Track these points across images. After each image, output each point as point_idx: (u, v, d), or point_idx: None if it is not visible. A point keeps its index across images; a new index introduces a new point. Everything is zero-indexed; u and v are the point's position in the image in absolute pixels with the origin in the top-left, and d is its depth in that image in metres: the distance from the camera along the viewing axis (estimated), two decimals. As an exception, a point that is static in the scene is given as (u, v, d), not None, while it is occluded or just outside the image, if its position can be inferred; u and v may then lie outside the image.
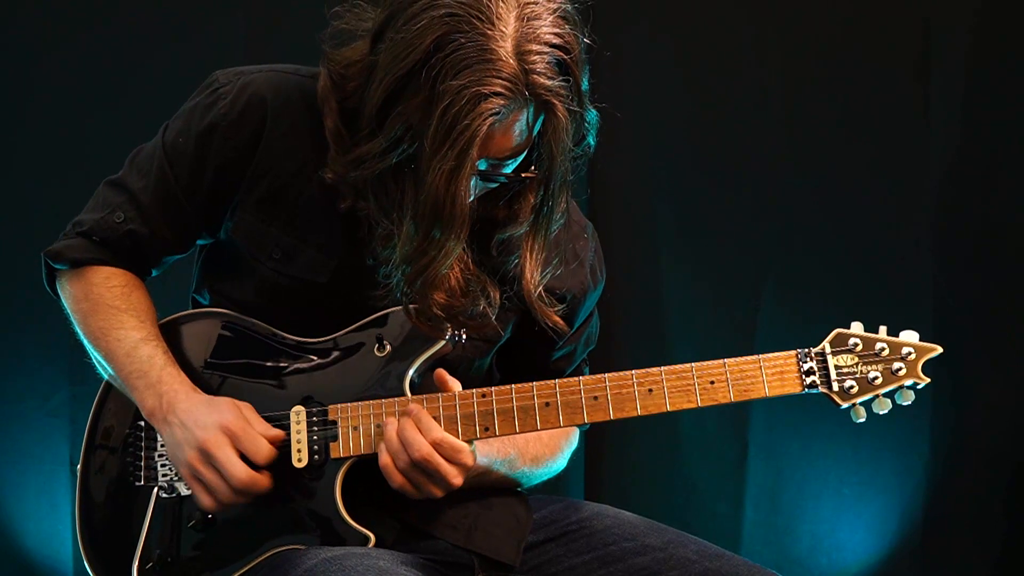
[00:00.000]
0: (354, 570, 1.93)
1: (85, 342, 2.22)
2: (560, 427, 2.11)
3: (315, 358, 2.15)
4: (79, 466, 2.21)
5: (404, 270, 1.98)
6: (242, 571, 2.10)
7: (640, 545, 2.15)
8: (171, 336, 2.20)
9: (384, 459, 2.04)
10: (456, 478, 2.04)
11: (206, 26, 3.57)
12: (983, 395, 3.66)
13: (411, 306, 2.04)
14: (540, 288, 2.10)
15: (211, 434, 2.04)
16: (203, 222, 2.21)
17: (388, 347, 2.13)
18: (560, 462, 2.35)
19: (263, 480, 2.06)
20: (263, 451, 2.06)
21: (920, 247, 3.67)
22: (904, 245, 3.68)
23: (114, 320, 2.17)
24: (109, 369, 2.18)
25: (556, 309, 2.14)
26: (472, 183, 1.95)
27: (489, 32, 1.86)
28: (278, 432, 2.09)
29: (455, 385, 2.09)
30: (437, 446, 2.02)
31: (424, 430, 2.02)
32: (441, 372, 2.10)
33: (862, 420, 2.08)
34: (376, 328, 2.14)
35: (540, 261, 2.09)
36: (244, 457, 2.05)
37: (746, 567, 2.11)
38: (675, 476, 3.75)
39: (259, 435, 2.06)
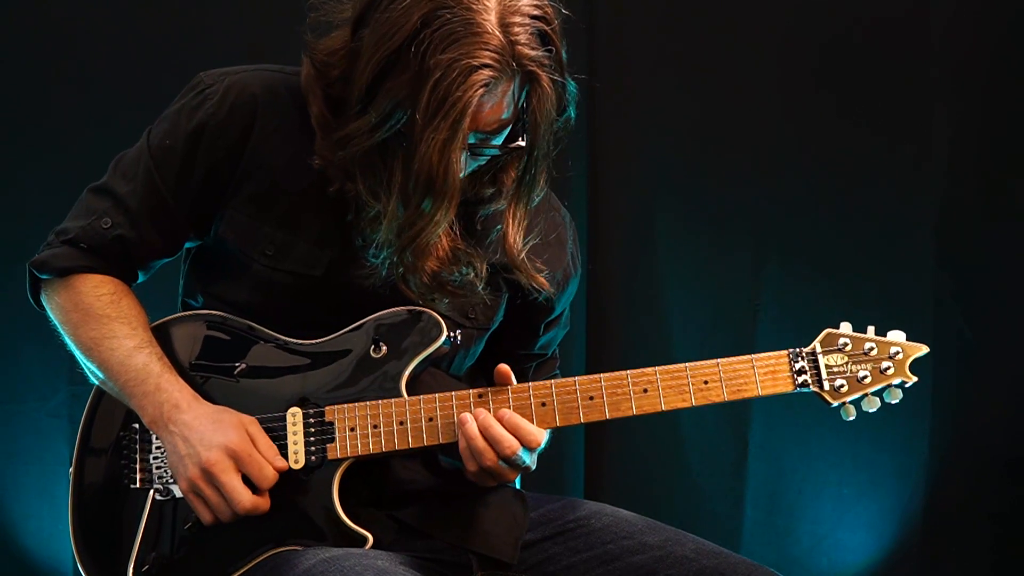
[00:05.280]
0: (352, 570, 1.94)
1: (76, 352, 2.21)
2: (556, 426, 2.12)
3: (311, 359, 2.15)
4: (72, 468, 2.20)
5: (393, 244, 2.02)
6: (240, 572, 2.10)
7: (638, 543, 2.16)
8: (163, 340, 2.19)
9: (469, 465, 2.07)
10: (532, 464, 2.11)
11: (204, 31, 3.57)
12: (982, 396, 3.65)
13: (401, 275, 2.07)
14: (524, 253, 2.15)
15: (215, 455, 2.05)
16: (192, 224, 2.21)
17: (384, 348, 2.14)
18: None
19: (265, 504, 2.07)
20: (268, 478, 2.07)
21: (920, 247, 3.67)
22: (904, 244, 3.68)
23: (105, 329, 2.17)
24: (104, 379, 2.18)
25: (542, 272, 2.19)
26: (463, 158, 2.00)
27: (474, 7, 1.92)
28: (283, 462, 2.09)
29: (513, 379, 2.12)
30: (525, 441, 2.05)
31: (511, 428, 2.06)
32: (502, 368, 2.11)
33: (852, 418, 2.12)
34: (372, 329, 2.14)
35: (522, 227, 2.14)
36: (247, 479, 2.06)
37: (744, 565, 2.11)
38: (675, 476, 3.75)
39: (265, 462, 2.07)
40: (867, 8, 3.65)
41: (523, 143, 2.04)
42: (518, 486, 2.37)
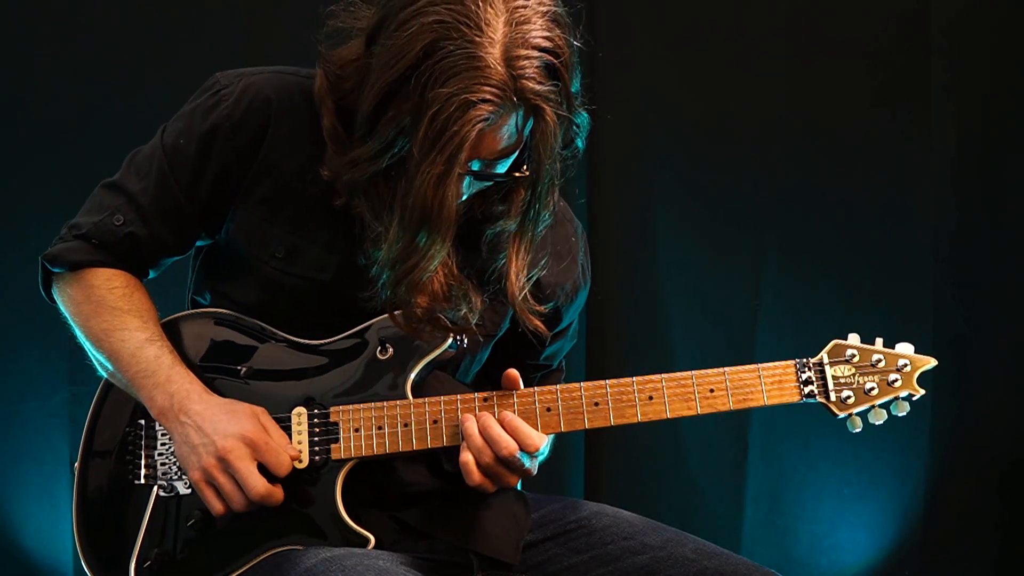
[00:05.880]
0: (354, 570, 1.94)
1: (87, 344, 2.21)
2: (561, 431, 2.13)
3: (317, 359, 2.16)
4: (76, 463, 2.21)
5: (389, 273, 2.00)
6: (241, 571, 2.10)
7: (639, 544, 2.15)
8: (172, 336, 2.20)
9: (465, 456, 2.06)
10: (533, 469, 2.10)
11: (204, 28, 3.57)
12: (983, 396, 3.66)
13: (395, 310, 2.06)
14: (525, 291, 2.12)
15: (231, 443, 2.05)
16: (203, 223, 2.21)
17: (390, 350, 2.14)
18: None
19: (279, 493, 2.07)
20: (284, 465, 2.07)
21: (920, 247, 3.67)
22: (904, 246, 3.69)
23: (117, 321, 2.17)
24: (113, 370, 2.18)
25: (539, 311, 2.15)
26: (465, 183, 1.98)
27: (477, 39, 1.88)
28: (296, 451, 2.10)
29: (521, 385, 2.11)
30: (523, 444, 2.05)
31: (510, 430, 2.05)
32: (510, 373, 2.11)
33: (858, 430, 2.11)
34: (379, 331, 2.14)
35: (526, 263, 2.11)
36: (262, 468, 2.06)
37: (744, 566, 2.11)
38: (675, 476, 3.75)
39: (280, 449, 2.07)
40: (869, 7, 3.65)
41: (527, 172, 2.02)
42: (519, 487, 2.37)
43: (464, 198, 2.03)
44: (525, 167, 2.02)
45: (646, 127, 3.72)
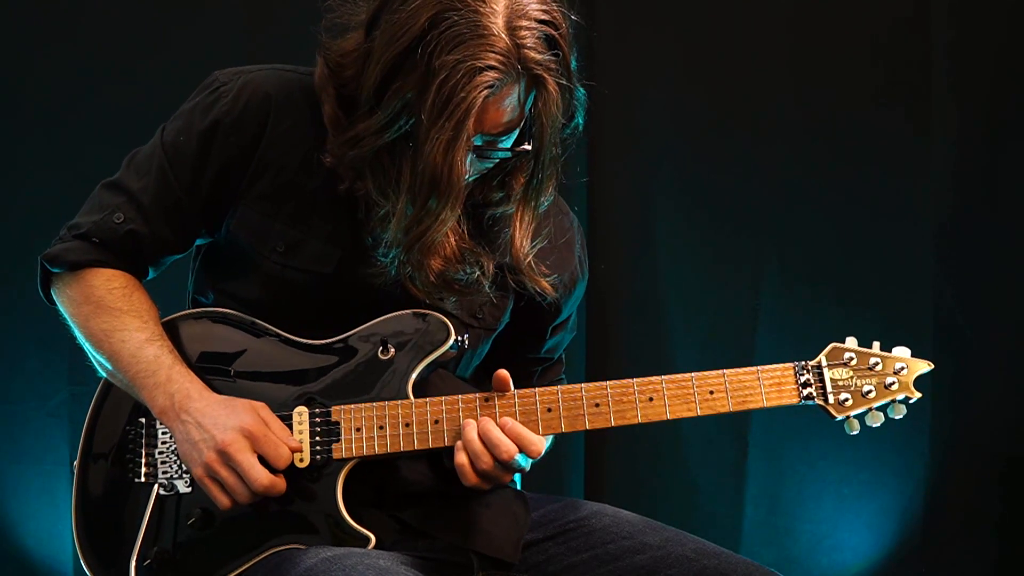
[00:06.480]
0: (354, 569, 1.94)
1: (86, 345, 2.22)
2: (562, 432, 2.13)
3: (318, 359, 2.16)
4: (76, 462, 2.21)
5: (401, 241, 2.04)
6: (241, 569, 2.11)
7: (638, 543, 2.16)
8: (173, 336, 2.20)
9: (460, 459, 2.07)
10: (527, 466, 2.12)
11: (202, 28, 3.57)
12: (983, 395, 3.66)
13: (408, 273, 2.08)
14: (530, 257, 2.16)
15: (231, 436, 2.05)
16: (204, 221, 2.22)
17: (392, 350, 2.15)
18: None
19: (282, 484, 2.08)
20: (283, 456, 2.08)
21: (920, 246, 3.67)
22: (904, 246, 3.69)
23: (117, 322, 2.18)
24: (113, 371, 2.18)
25: (547, 278, 2.20)
26: (468, 160, 2.02)
27: (481, 9, 1.95)
28: (296, 443, 2.10)
29: (511, 385, 2.13)
30: (525, 450, 2.07)
31: (512, 435, 2.06)
32: (501, 375, 2.12)
33: (855, 432, 2.13)
34: (380, 331, 2.15)
35: (530, 231, 2.16)
36: (263, 460, 2.07)
37: (744, 565, 2.11)
38: (675, 476, 3.75)
39: (279, 440, 2.08)
40: (870, 7, 3.65)
41: (529, 147, 2.06)
42: (519, 486, 2.38)
43: (468, 178, 2.06)
44: (527, 143, 2.06)
45: (646, 128, 3.72)
